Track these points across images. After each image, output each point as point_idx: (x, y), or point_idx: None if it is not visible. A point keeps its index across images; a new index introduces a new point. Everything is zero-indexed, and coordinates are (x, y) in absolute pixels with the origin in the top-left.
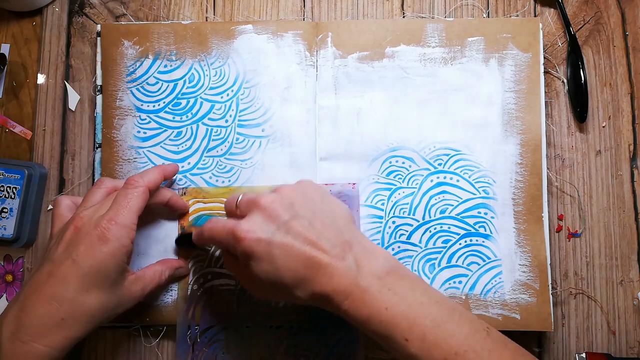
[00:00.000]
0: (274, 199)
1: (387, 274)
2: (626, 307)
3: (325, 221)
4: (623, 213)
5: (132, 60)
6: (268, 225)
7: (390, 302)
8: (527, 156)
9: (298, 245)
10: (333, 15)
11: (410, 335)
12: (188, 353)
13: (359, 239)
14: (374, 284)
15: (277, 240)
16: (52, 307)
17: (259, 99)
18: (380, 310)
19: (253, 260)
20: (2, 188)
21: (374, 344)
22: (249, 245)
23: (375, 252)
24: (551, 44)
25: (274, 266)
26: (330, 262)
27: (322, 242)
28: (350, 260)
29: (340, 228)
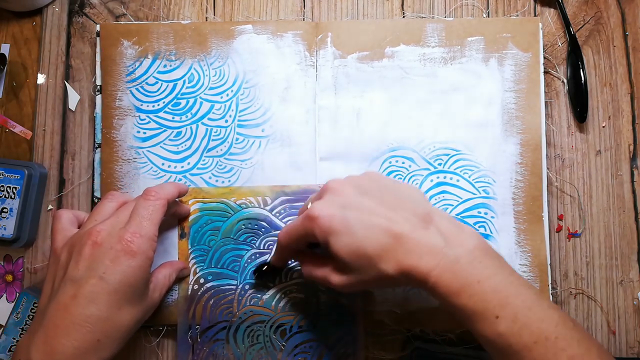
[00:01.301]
0: (343, 182)
1: (475, 248)
2: (626, 307)
3: (398, 198)
4: (623, 213)
5: (132, 60)
6: (339, 202)
7: (482, 275)
8: (527, 156)
9: (374, 218)
10: (333, 16)
11: (501, 313)
12: (188, 353)
13: (440, 212)
14: (465, 256)
15: (351, 213)
16: (85, 329)
17: (259, 99)
18: (472, 284)
19: (332, 236)
20: (2, 188)
21: (374, 344)
22: (325, 222)
23: (461, 225)
24: (551, 44)
25: (355, 237)
26: (412, 232)
27: (399, 214)
28: (434, 231)
29: (415, 204)
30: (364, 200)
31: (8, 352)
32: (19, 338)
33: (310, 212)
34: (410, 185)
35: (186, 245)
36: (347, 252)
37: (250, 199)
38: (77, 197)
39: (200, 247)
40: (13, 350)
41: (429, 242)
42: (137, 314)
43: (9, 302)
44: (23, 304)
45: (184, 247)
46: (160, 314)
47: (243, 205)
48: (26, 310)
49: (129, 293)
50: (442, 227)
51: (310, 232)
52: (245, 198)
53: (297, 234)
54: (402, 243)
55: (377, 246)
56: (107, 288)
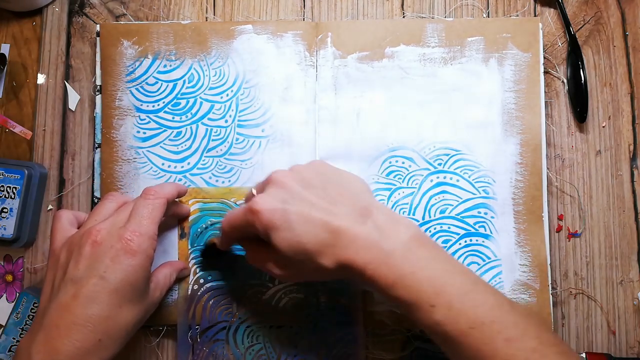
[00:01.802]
0: (285, 174)
1: (410, 239)
2: (626, 307)
3: (341, 191)
4: (623, 213)
5: (132, 60)
6: (281, 196)
7: (416, 266)
8: (527, 156)
9: (314, 212)
10: (333, 16)
11: (436, 301)
12: (188, 353)
13: (378, 205)
14: (399, 248)
15: (292, 207)
16: (87, 329)
17: (259, 99)
18: (406, 275)
19: (272, 231)
20: (2, 188)
21: (374, 344)
22: (266, 216)
23: (397, 218)
24: (551, 44)
25: (294, 233)
26: (350, 227)
27: (339, 209)
28: (371, 225)
29: (357, 196)
30: (306, 194)
31: (8, 352)
32: (19, 338)
33: (252, 206)
34: (354, 176)
35: (186, 246)
36: (286, 246)
37: None
38: (77, 197)
39: (200, 247)
40: (13, 350)
41: (365, 237)
42: (138, 313)
43: (9, 302)
44: (23, 304)
45: (184, 247)
46: (160, 314)
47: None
48: (26, 310)
49: (130, 292)
50: (378, 220)
51: (252, 225)
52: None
53: (239, 224)
54: (340, 238)
55: (316, 242)
56: (108, 287)
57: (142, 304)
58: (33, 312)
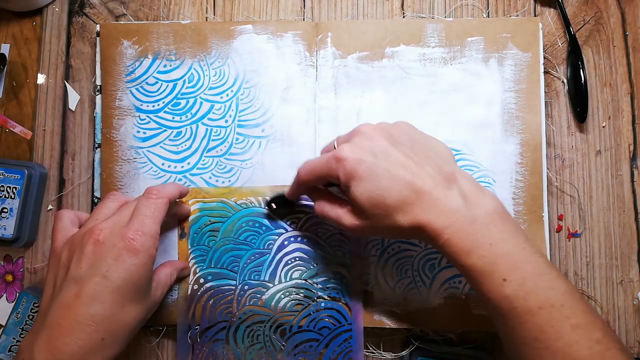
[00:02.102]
0: (374, 127)
1: (493, 212)
2: (626, 307)
3: (427, 153)
4: (623, 213)
5: (132, 60)
6: (369, 148)
7: (495, 238)
8: (527, 156)
9: (400, 169)
10: (333, 16)
11: (509, 276)
12: (188, 353)
13: (464, 173)
14: (481, 218)
15: (379, 161)
16: (90, 328)
17: (259, 99)
18: (483, 245)
19: (355, 180)
20: (2, 188)
21: (374, 344)
22: (352, 165)
23: (482, 188)
24: (551, 44)
25: (377, 185)
26: (434, 189)
27: (425, 170)
28: (456, 191)
29: (442, 161)
30: (393, 151)
31: (8, 352)
32: (19, 338)
33: (338, 153)
34: (439, 141)
35: (186, 245)
36: (366, 198)
37: (251, 199)
38: (77, 197)
39: (200, 247)
40: (13, 350)
41: (448, 201)
42: (141, 311)
43: (9, 302)
44: (23, 304)
45: (183, 247)
46: (160, 314)
47: (243, 205)
48: (26, 310)
49: (133, 291)
50: (464, 187)
51: (334, 173)
52: (245, 198)
53: (319, 171)
54: (422, 199)
55: (398, 198)
56: (111, 286)
57: (145, 302)
58: (33, 312)
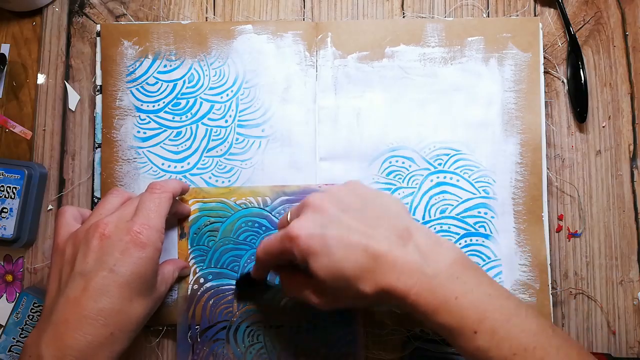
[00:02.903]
0: (322, 197)
1: (453, 262)
2: (626, 307)
3: (379, 213)
4: (623, 213)
5: (132, 60)
6: (319, 220)
7: (459, 291)
8: (527, 156)
9: (353, 236)
10: (333, 16)
11: (479, 328)
12: (188, 353)
13: (418, 226)
14: (442, 272)
15: (330, 232)
16: (98, 322)
17: (259, 99)
18: (449, 300)
19: (310, 257)
20: (2, 188)
21: (374, 344)
22: (304, 242)
23: (439, 240)
24: (551, 44)
25: (333, 259)
26: (390, 250)
27: (378, 232)
28: (412, 248)
29: (396, 218)
30: (344, 217)
31: (8, 352)
32: (19, 338)
33: (289, 232)
34: (392, 197)
35: (186, 245)
36: (325, 273)
37: (250, 199)
38: (77, 197)
39: (200, 247)
40: (13, 350)
41: (407, 261)
42: (148, 305)
43: (9, 302)
44: (23, 304)
45: (183, 247)
46: (160, 314)
47: (243, 205)
48: (26, 310)
49: (140, 285)
50: (420, 243)
51: (289, 252)
52: (245, 198)
53: (275, 251)
54: (380, 263)
55: (355, 267)
56: (119, 280)
57: (151, 297)
58: (33, 312)
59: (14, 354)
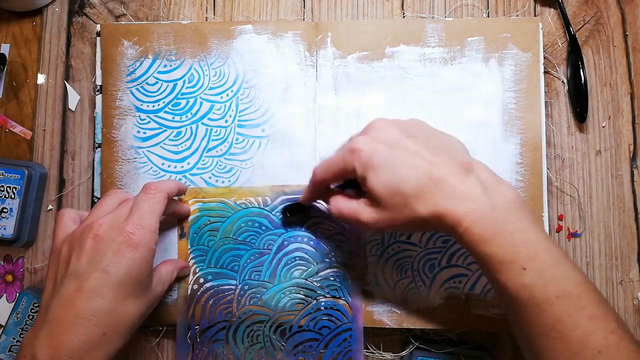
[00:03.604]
0: (388, 121)
1: (512, 200)
2: (626, 307)
3: (443, 145)
4: (623, 213)
5: (132, 60)
6: (385, 139)
7: (515, 227)
8: (527, 156)
9: (416, 159)
10: (333, 16)
11: (529, 265)
12: (188, 353)
13: (481, 163)
14: (501, 206)
15: (395, 151)
16: (91, 322)
17: (259, 99)
18: (504, 233)
19: (372, 171)
20: (2, 188)
21: (374, 344)
22: (367, 155)
23: (500, 178)
24: (551, 44)
25: (394, 174)
26: (452, 178)
27: (441, 159)
28: (474, 180)
29: (459, 152)
30: (408, 142)
31: (8, 352)
32: (19, 338)
33: (353, 145)
34: (453, 136)
35: (186, 245)
36: (384, 188)
37: (250, 199)
38: (77, 197)
39: (199, 247)
40: (13, 350)
41: (467, 189)
42: (142, 306)
43: (9, 302)
44: (23, 304)
45: (183, 247)
46: (159, 314)
47: (243, 205)
48: (26, 310)
49: (133, 285)
50: (482, 176)
51: (350, 166)
52: (245, 198)
53: (335, 167)
54: (441, 187)
55: (416, 186)
56: (111, 281)
57: (146, 297)
58: (33, 312)
59: (14, 354)
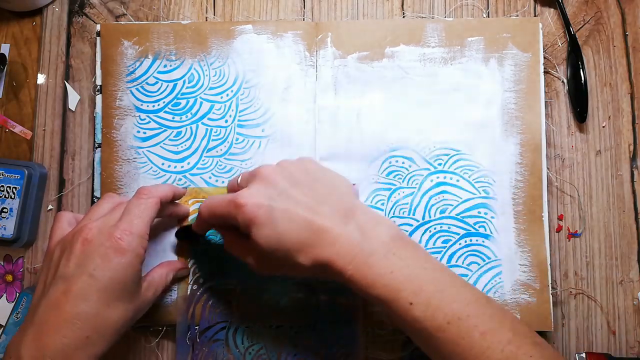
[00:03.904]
0: (274, 169)
1: (391, 240)
2: (626, 307)
3: (327, 190)
4: (623, 213)
5: (132, 60)
6: (268, 192)
7: (395, 266)
8: (527, 156)
9: (299, 210)
10: (333, 16)
11: (415, 299)
12: (188, 353)
13: (362, 207)
14: (379, 249)
15: (278, 205)
16: (75, 326)
17: (259, 99)
18: (385, 275)
19: (255, 226)
20: (2, 188)
21: (374, 344)
22: (250, 210)
23: (379, 219)
24: (551, 44)
25: (276, 231)
26: (333, 227)
27: (324, 208)
28: (354, 226)
29: (342, 197)
30: (293, 191)
31: None
32: None
33: (237, 199)
34: (340, 176)
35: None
36: (266, 242)
37: None
38: (77, 197)
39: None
40: None
41: (347, 238)
42: (127, 311)
43: (9, 302)
44: (23, 304)
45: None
46: (159, 314)
47: None
48: (26, 310)
49: (119, 290)
50: (360, 221)
51: (234, 218)
52: None
53: (220, 213)
54: (322, 237)
55: (297, 240)
56: (97, 285)
57: (132, 302)
58: None
59: None
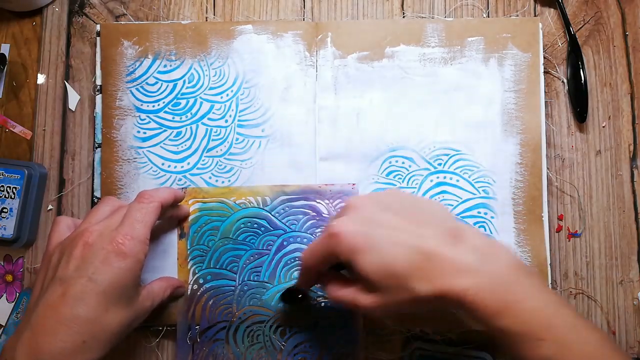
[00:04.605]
0: (364, 198)
1: (512, 265)
2: (626, 307)
3: (424, 213)
4: (623, 213)
5: (132, 60)
6: (361, 218)
7: (523, 295)
8: (527, 156)
9: (400, 234)
10: (333, 16)
11: (546, 335)
12: (188, 353)
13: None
14: (503, 274)
15: (375, 229)
16: (72, 329)
17: (259, 99)
18: (512, 304)
19: (356, 255)
20: (2, 188)
21: (374, 344)
22: (347, 239)
23: (493, 241)
24: (551, 44)
25: (380, 255)
26: (444, 250)
27: (427, 231)
28: (466, 248)
29: (442, 218)
30: (387, 217)
31: None
32: None
33: (331, 229)
34: (433, 200)
35: (185, 245)
36: (373, 270)
37: (250, 199)
38: (77, 197)
39: (199, 247)
40: None
41: (462, 260)
42: (125, 317)
43: (9, 302)
44: (23, 304)
45: (183, 247)
46: (160, 314)
47: (243, 205)
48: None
49: (118, 295)
50: (474, 242)
51: (333, 251)
52: (245, 198)
53: (319, 253)
54: (434, 261)
55: (407, 264)
56: (96, 289)
57: (130, 308)
58: None
59: None
